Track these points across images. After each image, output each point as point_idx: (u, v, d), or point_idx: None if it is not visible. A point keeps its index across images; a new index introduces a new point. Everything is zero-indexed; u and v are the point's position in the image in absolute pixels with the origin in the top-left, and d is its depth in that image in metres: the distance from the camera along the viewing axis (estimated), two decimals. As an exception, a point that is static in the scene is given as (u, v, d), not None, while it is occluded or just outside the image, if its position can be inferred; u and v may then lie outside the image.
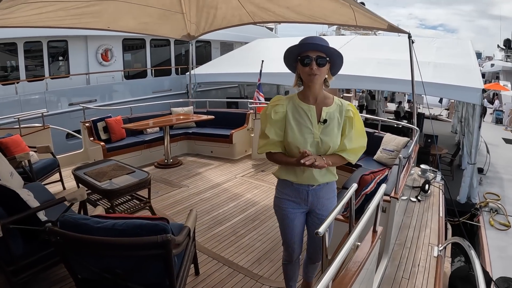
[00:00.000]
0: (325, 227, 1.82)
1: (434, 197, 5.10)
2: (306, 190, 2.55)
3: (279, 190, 2.67)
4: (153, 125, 7.30)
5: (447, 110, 23.65)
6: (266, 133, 2.49)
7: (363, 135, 2.55)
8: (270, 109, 2.49)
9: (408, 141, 5.69)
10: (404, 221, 4.28)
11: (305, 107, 2.45)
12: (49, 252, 3.09)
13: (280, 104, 2.48)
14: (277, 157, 2.53)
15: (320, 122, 2.42)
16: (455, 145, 14.06)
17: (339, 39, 16.57)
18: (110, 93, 14.22)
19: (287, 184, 2.59)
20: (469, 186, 9.38)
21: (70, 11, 5.52)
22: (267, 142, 2.49)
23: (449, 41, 14.54)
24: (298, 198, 2.58)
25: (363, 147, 2.55)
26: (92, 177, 4.71)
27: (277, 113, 2.46)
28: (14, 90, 11.55)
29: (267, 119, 2.50)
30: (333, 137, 2.44)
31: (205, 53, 19.51)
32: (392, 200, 3.25)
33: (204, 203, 5.53)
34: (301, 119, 2.44)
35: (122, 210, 4.59)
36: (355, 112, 2.50)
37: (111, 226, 2.31)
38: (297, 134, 2.42)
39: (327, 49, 2.30)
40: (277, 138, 2.48)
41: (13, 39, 11.72)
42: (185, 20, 7.18)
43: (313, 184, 2.52)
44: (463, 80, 9.36)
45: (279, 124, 2.47)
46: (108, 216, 2.57)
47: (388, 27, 5.27)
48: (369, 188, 3.35)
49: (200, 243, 4.30)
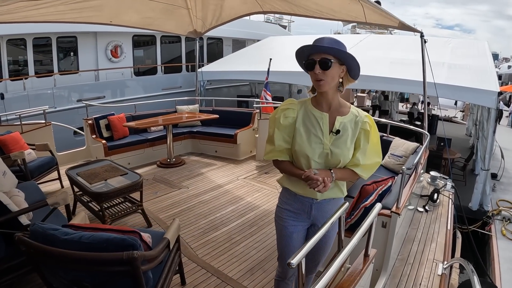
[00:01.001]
0: (299, 257, 1.60)
1: (443, 207, 4.78)
2: (310, 203, 2.34)
3: (281, 200, 2.47)
4: (155, 124, 7.14)
5: (462, 112, 23.15)
6: (273, 138, 2.30)
7: (379, 152, 2.34)
8: (280, 113, 2.29)
9: (417, 147, 5.43)
10: (409, 234, 3.98)
11: (318, 114, 2.23)
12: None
13: (291, 109, 2.28)
14: (283, 166, 2.34)
15: (332, 132, 2.20)
16: (469, 149, 13.65)
17: (353, 38, 16.27)
18: (119, 89, 14.14)
19: (291, 194, 2.39)
20: (482, 192, 9.04)
21: (70, 5, 5.39)
22: (274, 148, 2.31)
23: (465, 41, 14.15)
24: (301, 210, 2.37)
25: (378, 163, 2.34)
26: (84, 178, 4.55)
27: (287, 118, 2.27)
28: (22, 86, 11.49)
29: (275, 123, 2.30)
30: (344, 150, 2.21)
31: (217, 50, 19.39)
32: (393, 215, 2.99)
33: (202, 206, 5.35)
34: (311, 126, 2.23)
35: (112, 213, 4.40)
36: (373, 125, 2.27)
37: (77, 238, 2.15)
38: (306, 143, 2.21)
39: (330, 50, 2.06)
40: (285, 145, 2.29)
41: (22, 35, 11.71)
42: (190, 15, 7.01)
43: (317, 198, 2.31)
44: (478, 82, 9.04)
45: (288, 130, 2.27)
46: (80, 226, 2.44)
47: (400, 25, 5.00)
48: (369, 201, 3.08)
49: (192, 249, 4.14)
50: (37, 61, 12.48)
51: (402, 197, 3.04)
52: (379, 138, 2.32)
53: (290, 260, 1.58)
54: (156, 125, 7.40)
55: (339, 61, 2.10)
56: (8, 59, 11.78)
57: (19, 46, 11.99)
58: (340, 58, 2.10)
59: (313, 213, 2.36)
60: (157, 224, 4.72)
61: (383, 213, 2.94)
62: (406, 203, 3.13)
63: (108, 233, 2.21)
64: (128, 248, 2.06)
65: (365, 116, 2.26)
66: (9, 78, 11.65)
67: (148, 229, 3.91)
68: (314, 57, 2.07)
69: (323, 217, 2.37)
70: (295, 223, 2.40)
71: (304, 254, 1.63)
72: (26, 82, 11.64)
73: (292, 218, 2.40)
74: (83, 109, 7.90)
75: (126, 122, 7.39)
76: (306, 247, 1.67)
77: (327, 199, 2.33)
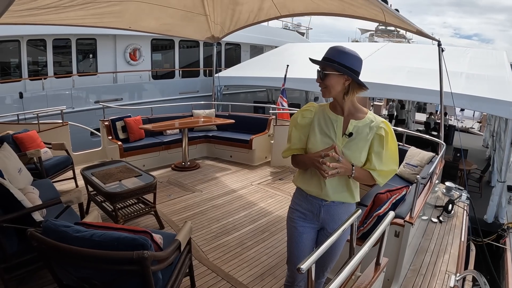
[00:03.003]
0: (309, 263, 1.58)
1: (457, 218, 4.70)
2: (319, 205, 2.36)
3: (293, 201, 2.53)
4: (170, 127, 7.18)
5: (479, 123, 22.83)
6: (290, 137, 2.43)
7: (396, 159, 2.31)
8: (298, 113, 2.42)
9: (433, 157, 5.36)
10: (422, 244, 3.92)
11: (333, 117, 2.30)
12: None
13: (309, 110, 2.39)
14: (299, 157, 2.42)
15: (345, 135, 2.23)
16: (486, 160, 13.46)
17: (370, 46, 16.19)
18: (136, 92, 14.25)
19: (302, 194, 2.45)
20: (498, 205, 8.89)
21: (90, 11, 5.48)
22: (290, 146, 2.43)
23: (483, 51, 13.93)
24: (310, 212, 2.41)
25: (395, 171, 2.32)
26: (99, 178, 4.60)
27: (304, 118, 2.38)
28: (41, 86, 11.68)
29: (293, 122, 2.42)
30: (356, 153, 2.23)
31: (234, 56, 19.50)
32: (406, 224, 2.95)
33: (215, 210, 5.34)
34: (326, 128, 2.30)
35: (125, 213, 4.43)
36: (389, 131, 2.25)
37: (89, 236, 2.16)
38: (319, 142, 2.28)
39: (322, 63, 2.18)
40: (300, 144, 2.39)
41: (42, 36, 11.90)
42: (208, 21, 7.06)
43: (326, 199, 2.32)
44: (496, 93, 8.92)
45: (304, 129, 2.37)
46: (92, 224, 2.45)
47: (417, 32, 4.98)
48: (382, 209, 3.04)
49: (203, 252, 4.14)
50: (56, 62, 12.67)
51: (416, 207, 3.00)
52: (397, 145, 2.31)
53: (300, 265, 1.56)
54: (172, 128, 7.43)
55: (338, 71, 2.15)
56: (28, 60, 11.98)
57: (38, 47, 12.19)
58: (337, 69, 2.14)
59: (322, 215, 2.37)
60: (170, 226, 4.73)
61: (396, 222, 2.91)
62: (420, 213, 3.09)
63: (119, 232, 2.22)
64: (139, 248, 2.07)
65: (382, 121, 2.26)
66: (29, 78, 11.84)
67: (160, 231, 3.91)
68: (319, 68, 2.21)
69: (332, 221, 2.38)
70: (304, 223, 2.44)
71: (314, 259, 1.61)
72: (45, 82, 11.82)
73: (301, 219, 2.44)
74: (100, 110, 8.00)
75: (142, 124, 7.43)
76: (316, 253, 1.65)
77: (336, 202, 2.34)
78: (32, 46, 12.01)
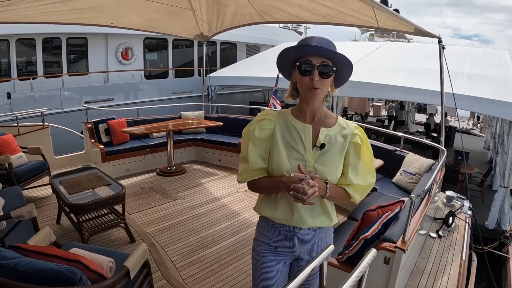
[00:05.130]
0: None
1: (459, 232, 4.23)
2: (291, 235, 1.93)
3: (258, 231, 2.05)
4: (153, 130, 6.84)
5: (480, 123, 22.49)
6: (247, 155, 1.89)
7: (373, 171, 1.95)
8: (255, 124, 1.90)
9: (433, 164, 4.97)
10: (418, 264, 3.47)
11: (299, 126, 1.85)
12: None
13: (268, 119, 1.89)
14: (260, 182, 1.91)
15: (316, 147, 1.82)
16: (487, 163, 13.10)
17: (369, 45, 15.84)
18: (127, 92, 13.94)
19: (269, 224, 1.98)
20: (500, 211, 8.49)
21: (69, 4, 5.13)
22: (248, 167, 1.89)
23: (485, 51, 13.53)
24: (281, 244, 1.96)
25: (372, 184, 1.94)
26: (66, 187, 4.23)
27: (263, 130, 1.87)
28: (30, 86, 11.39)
29: (249, 137, 1.90)
30: (331, 167, 1.83)
31: (231, 55, 19.19)
32: (398, 251, 2.48)
33: (195, 220, 4.98)
34: (292, 140, 1.85)
35: (92, 226, 4.04)
36: (364, 138, 1.89)
37: (13, 265, 1.85)
38: (285, 159, 1.82)
39: (334, 55, 1.70)
40: (261, 162, 1.89)
41: (31, 35, 11.63)
42: (196, 18, 6.69)
43: (301, 227, 1.90)
44: (499, 94, 8.54)
45: (264, 144, 1.88)
46: (27, 249, 2.13)
47: (415, 31, 4.57)
48: (370, 231, 2.57)
49: (177, 269, 3.79)
50: (46, 62, 12.38)
51: (410, 230, 2.54)
52: (372, 154, 1.93)
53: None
54: (155, 131, 7.11)
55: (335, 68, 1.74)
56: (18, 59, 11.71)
57: (28, 46, 11.89)
58: (337, 65, 1.74)
59: (296, 246, 1.94)
60: (141, 239, 4.34)
61: (386, 247, 2.45)
62: (414, 235, 2.65)
63: (46, 262, 1.88)
64: (62, 283, 1.73)
65: (355, 128, 1.89)
66: (17, 78, 11.55)
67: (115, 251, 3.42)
68: (313, 61, 1.70)
69: (309, 251, 1.97)
70: (275, 257, 1.99)
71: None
72: (35, 82, 11.55)
73: (271, 252, 1.99)
74: (90, 111, 7.67)
75: (127, 126, 7.12)
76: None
77: (312, 229, 1.93)
78: (22, 45, 11.71)
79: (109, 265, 2.37)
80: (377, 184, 5.19)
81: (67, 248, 2.71)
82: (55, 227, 4.60)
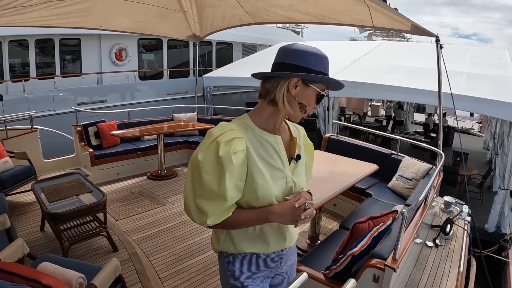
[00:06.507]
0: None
1: (457, 240, 4.02)
2: (279, 257, 1.72)
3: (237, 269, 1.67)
4: (143, 133, 6.66)
5: (479, 123, 22.30)
6: (224, 190, 1.43)
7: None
8: (226, 148, 1.43)
9: (430, 169, 4.78)
10: (413, 276, 3.27)
11: (271, 140, 1.58)
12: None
13: (237, 138, 1.47)
14: (235, 217, 1.53)
15: (293, 159, 1.63)
16: (487, 163, 12.93)
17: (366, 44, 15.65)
18: (121, 93, 13.71)
19: (251, 259, 1.67)
20: (500, 213, 8.31)
21: (54, 10, 4.97)
22: (224, 205, 1.46)
23: (485, 50, 13.36)
24: (268, 270, 1.73)
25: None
26: (46, 194, 4.06)
27: (237, 153, 1.45)
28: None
29: (225, 165, 1.42)
30: (303, 176, 1.72)
31: (227, 55, 18.98)
32: (387, 270, 2.26)
33: (182, 227, 4.80)
34: (270, 158, 1.56)
35: (72, 235, 3.85)
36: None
37: None
38: (271, 184, 1.53)
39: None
40: (238, 195, 1.51)
41: (24, 36, 11.44)
42: (187, 19, 6.53)
43: (291, 245, 1.75)
44: (498, 94, 8.36)
45: (240, 171, 1.48)
46: None
47: (412, 28, 4.36)
48: (358, 247, 2.36)
49: (160, 279, 3.62)
50: (39, 63, 12.19)
51: (401, 246, 2.33)
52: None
53: None
54: (144, 135, 6.95)
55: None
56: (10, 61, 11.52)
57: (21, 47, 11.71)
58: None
59: (282, 263, 1.78)
60: (124, 248, 4.16)
61: (375, 265, 2.26)
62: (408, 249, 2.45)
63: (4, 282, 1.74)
64: None
65: (302, 128, 1.81)
66: (10, 80, 11.38)
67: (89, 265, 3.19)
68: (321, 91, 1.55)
69: (289, 263, 1.85)
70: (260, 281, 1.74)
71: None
72: (27, 84, 11.38)
73: (259, 281, 1.74)
74: (83, 113, 7.51)
75: (118, 129, 6.98)
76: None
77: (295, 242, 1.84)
78: (14, 47, 11.54)
79: (79, 281, 2.21)
80: (372, 189, 5.02)
81: (40, 262, 2.56)
82: (39, 235, 4.45)
